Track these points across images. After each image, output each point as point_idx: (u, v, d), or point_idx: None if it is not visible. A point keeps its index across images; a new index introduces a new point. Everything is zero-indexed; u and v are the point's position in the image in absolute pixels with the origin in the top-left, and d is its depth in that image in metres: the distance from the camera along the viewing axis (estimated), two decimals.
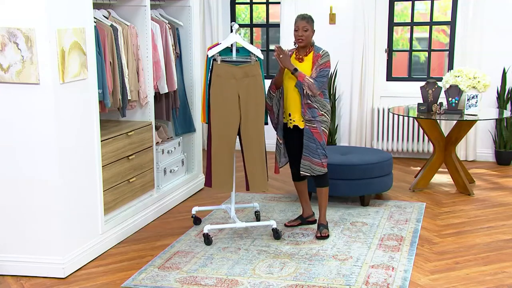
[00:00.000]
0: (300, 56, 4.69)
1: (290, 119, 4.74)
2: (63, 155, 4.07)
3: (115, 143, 4.71)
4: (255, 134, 4.61)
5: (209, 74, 4.65)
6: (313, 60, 4.64)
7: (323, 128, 4.66)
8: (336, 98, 7.61)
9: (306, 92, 4.56)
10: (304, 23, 4.61)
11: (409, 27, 7.55)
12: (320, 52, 4.66)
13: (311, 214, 5.06)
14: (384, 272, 4.13)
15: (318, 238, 4.74)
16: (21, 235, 4.14)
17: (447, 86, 6.03)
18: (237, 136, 4.66)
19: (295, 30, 4.64)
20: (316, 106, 4.61)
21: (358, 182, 5.50)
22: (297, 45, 4.69)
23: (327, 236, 4.75)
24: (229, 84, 4.60)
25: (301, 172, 4.73)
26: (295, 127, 4.74)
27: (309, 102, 4.59)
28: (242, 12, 8.37)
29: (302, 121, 4.68)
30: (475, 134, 7.30)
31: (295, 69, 4.56)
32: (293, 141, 4.79)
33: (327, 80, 4.64)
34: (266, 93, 4.74)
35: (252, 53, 4.67)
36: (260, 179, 4.64)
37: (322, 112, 4.64)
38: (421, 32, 7.88)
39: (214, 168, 4.65)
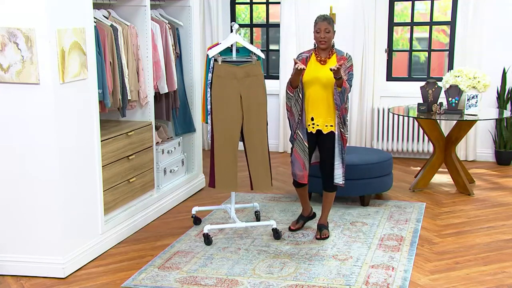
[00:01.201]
0: (322, 58, 4.55)
1: (313, 124, 4.59)
2: (63, 155, 4.07)
3: (115, 143, 4.71)
4: (258, 133, 4.61)
5: (209, 75, 4.65)
6: (338, 63, 4.45)
7: (347, 134, 4.63)
8: None
9: (346, 96, 4.47)
10: (326, 24, 4.48)
11: (409, 27, 7.55)
12: (345, 55, 4.56)
13: (311, 209, 5.02)
14: (384, 272, 4.13)
15: (318, 239, 4.72)
16: (21, 235, 4.14)
17: (447, 86, 6.03)
18: (240, 136, 4.66)
19: (316, 32, 4.50)
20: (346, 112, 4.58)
21: (358, 182, 5.50)
22: (316, 46, 4.57)
23: (327, 237, 4.75)
24: (231, 84, 4.59)
25: (339, 183, 4.64)
26: (318, 132, 4.62)
27: (346, 107, 4.52)
28: (242, 12, 8.37)
29: (326, 126, 4.57)
30: (475, 134, 7.30)
31: (341, 77, 4.38)
32: (311, 146, 4.68)
33: None
34: (285, 94, 4.62)
35: (253, 53, 4.67)
36: (264, 178, 4.64)
37: (347, 118, 4.61)
38: (421, 32, 7.88)
39: (218, 169, 4.64)
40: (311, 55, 4.60)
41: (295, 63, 4.38)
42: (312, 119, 4.59)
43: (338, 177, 4.64)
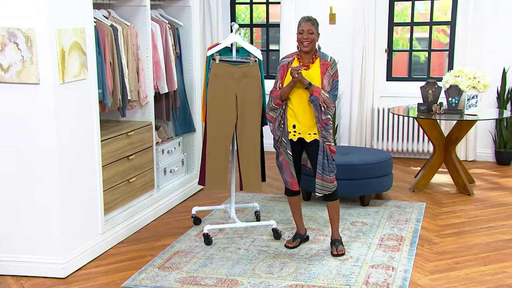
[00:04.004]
0: (305, 63, 4.30)
1: (295, 131, 4.34)
2: (63, 155, 4.07)
3: (115, 143, 4.71)
4: (251, 134, 4.61)
5: (209, 74, 4.66)
6: (322, 69, 4.27)
7: (331, 143, 4.35)
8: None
9: (322, 107, 4.22)
10: (310, 25, 4.23)
11: (409, 27, 7.55)
12: (328, 60, 4.30)
13: (305, 230, 4.75)
14: (384, 272, 4.13)
15: (334, 256, 4.41)
16: (21, 235, 4.14)
17: (447, 86, 6.03)
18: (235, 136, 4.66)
19: (299, 33, 4.25)
20: (330, 120, 4.32)
21: (358, 182, 5.50)
22: (299, 49, 4.32)
23: (343, 254, 4.44)
24: (227, 83, 4.60)
25: (317, 194, 4.36)
26: (300, 139, 4.38)
27: (328, 117, 4.26)
28: (242, 12, 8.37)
29: (309, 134, 4.32)
30: (475, 134, 7.30)
31: (310, 84, 4.18)
32: (293, 154, 4.41)
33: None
34: (268, 105, 4.40)
35: (252, 54, 4.67)
36: (254, 180, 4.63)
37: (331, 124, 4.35)
38: (421, 32, 7.88)
39: (208, 167, 4.66)
40: (293, 60, 4.35)
41: (296, 70, 4.16)
42: (294, 126, 4.34)
43: (319, 186, 4.36)
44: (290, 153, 4.39)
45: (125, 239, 4.84)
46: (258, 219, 5.20)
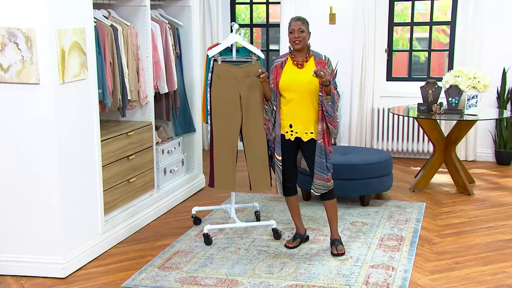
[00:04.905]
0: (299, 62, 4.33)
1: (292, 131, 4.37)
2: (63, 155, 4.07)
3: (115, 143, 4.71)
4: (257, 134, 4.60)
5: (209, 75, 4.66)
6: (317, 67, 4.25)
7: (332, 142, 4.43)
8: None
9: (337, 105, 4.29)
10: (300, 24, 4.27)
11: (409, 27, 7.55)
12: (324, 58, 4.34)
13: (305, 230, 4.76)
14: (384, 272, 4.13)
15: (334, 255, 4.42)
16: (21, 235, 4.14)
17: (447, 86, 6.03)
18: (240, 136, 4.66)
19: (290, 33, 4.30)
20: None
21: (358, 182, 5.50)
22: (292, 49, 4.36)
23: (343, 253, 4.44)
24: (230, 84, 4.60)
25: (315, 193, 4.39)
26: (297, 139, 4.40)
27: (336, 115, 4.31)
28: (242, 12, 8.37)
29: (306, 133, 4.34)
30: (475, 134, 7.30)
31: (330, 82, 4.19)
32: (290, 154, 4.44)
33: None
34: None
35: (253, 53, 4.67)
36: (263, 180, 4.62)
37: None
38: (421, 32, 7.88)
39: (217, 169, 4.64)
40: (287, 60, 4.38)
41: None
42: (291, 126, 4.36)
43: (317, 186, 4.38)
44: (278, 158, 4.43)
45: (125, 239, 4.84)
46: (258, 219, 5.20)
